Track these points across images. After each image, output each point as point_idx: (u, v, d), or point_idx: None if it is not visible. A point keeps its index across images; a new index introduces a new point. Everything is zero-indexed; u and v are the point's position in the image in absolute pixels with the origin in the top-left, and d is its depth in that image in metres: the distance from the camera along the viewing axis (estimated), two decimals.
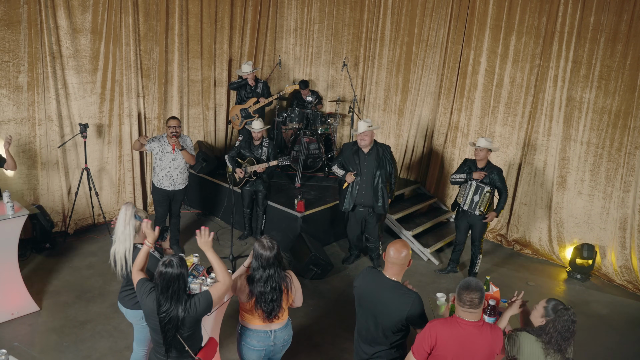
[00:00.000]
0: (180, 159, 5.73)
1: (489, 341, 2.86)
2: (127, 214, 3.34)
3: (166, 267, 2.84)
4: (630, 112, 5.90)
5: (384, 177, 5.74)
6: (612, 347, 5.01)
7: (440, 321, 2.94)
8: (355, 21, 8.28)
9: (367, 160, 5.72)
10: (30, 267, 5.67)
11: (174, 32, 7.04)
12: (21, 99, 5.87)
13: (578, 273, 6.26)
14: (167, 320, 2.84)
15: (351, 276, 5.98)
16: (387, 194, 5.83)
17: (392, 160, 5.83)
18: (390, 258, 3.14)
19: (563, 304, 3.00)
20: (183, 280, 2.87)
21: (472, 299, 2.82)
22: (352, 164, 5.76)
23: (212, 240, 3.15)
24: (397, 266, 3.14)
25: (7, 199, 4.60)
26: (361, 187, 5.77)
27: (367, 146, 5.69)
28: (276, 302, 3.21)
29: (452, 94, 7.39)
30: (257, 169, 6.07)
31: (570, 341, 2.93)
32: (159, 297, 2.85)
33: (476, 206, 5.61)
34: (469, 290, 2.84)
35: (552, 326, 2.90)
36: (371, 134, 5.67)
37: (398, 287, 3.14)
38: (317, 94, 8.25)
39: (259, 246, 3.18)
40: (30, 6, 5.67)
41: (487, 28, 6.86)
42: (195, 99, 7.62)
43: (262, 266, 3.17)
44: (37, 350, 4.37)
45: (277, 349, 3.41)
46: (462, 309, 2.88)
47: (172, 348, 2.92)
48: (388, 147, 5.86)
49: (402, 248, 3.13)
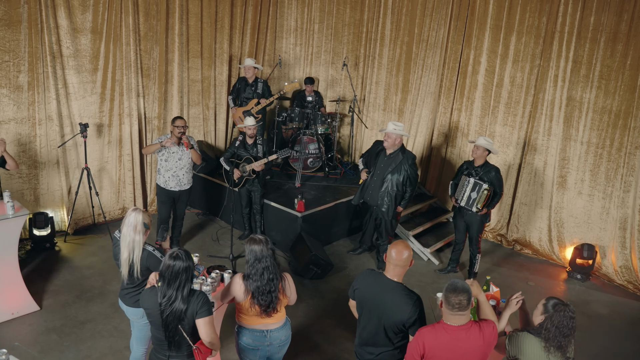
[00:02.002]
0: (186, 159, 5.73)
1: (480, 341, 2.82)
2: (137, 222, 3.33)
3: (174, 260, 2.85)
4: (631, 112, 5.90)
5: (396, 183, 5.69)
6: (612, 347, 5.01)
7: (428, 328, 2.91)
8: (355, 21, 8.28)
9: (384, 162, 5.77)
10: (30, 267, 5.67)
11: (174, 31, 7.04)
12: (21, 99, 5.87)
13: (578, 273, 6.26)
14: (170, 312, 2.84)
15: (351, 276, 5.98)
16: (395, 201, 5.77)
17: (412, 170, 5.73)
18: (392, 260, 3.14)
19: (562, 301, 3.00)
20: (190, 273, 2.88)
21: (460, 301, 2.78)
22: (372, 161, 5.93)
23: None
24: (399, 268, 3.14)
25: (8, 198, 4.60)
26: (370, 187, 5.90)
27: (390, 148, 5.72)
28: (274, 294, 3.23)
29: (452, 93, 7.39)
30: (255, 167, 6.07)
31: (570, 338, 2.90)
32: (164, 289, 2.85)
33: (473, 203, 5.58)
34: (456, 292, 2.79)
35: (550, 321, 2.89)
36: (395, 137, 5.63)
37: (401, 288, 3.14)
38: (319, 95, 8.25)
39: (251, 241, 3.26)
40: (30, 6, 5.67)
41: (487, 28, 6.86)
42: (195, 99, 7.62)
43: (257, 259, 3.21)
44: (37, 350, 4.38)
45: (274, 349, 3.40)
46: (450, 312, 2.82)
47: (173, 343, 2.92)
48: (412, 156, 5.80)
49: (403, 249, 3.13)
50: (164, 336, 2.91)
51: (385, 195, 5.75)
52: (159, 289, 2.90)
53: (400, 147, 5.74)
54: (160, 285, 2.90)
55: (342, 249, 6.68)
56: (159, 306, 2.86)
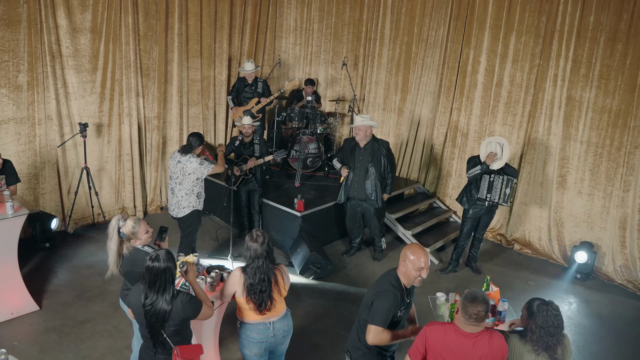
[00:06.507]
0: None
1: (485, 349, 2.75)
2: (113, 229, 3.43)
3: (153, 262, 2.88)
4: (630, 112, 5.90)
5: (377, 172, 5.86)
6: (612, 347, 5.01)
7: (437, 324, 2.90)
8: (354, 20, 8.28)
9: (361, 155, 5.90)
10: (30, 267, 5.67)
11: (173, 31, 7.03)
12: (21, 99, 5.86)
13: (578, 273, 6.26)
14: (152, 312, 2.87)
15: (351, 276, 5.98)
16: (381, 189, 5.93)
17: (389, 155, 5.94)
18: None
19: (543, 300, 3.00)
20: (170, 274, 2.91)
21: (478, 312, 2.69)
22: (348, 158, 5.98)
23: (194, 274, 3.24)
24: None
25: (7, 198, 4.59)
26: (354, 181, 5.97)
27: (362, 140, 5.85)
28: (265, 294, 3.27)
29: (452, 93, 7.39)
30: (250, 166, 6.08)
31: (558, 337, 2.89)
32: (146, 290, 2.89)
33: (508, 198, 5.71)
34: (475, 302, 2.69)
35: (534, 323, 2.89)
36: (365, 129, 5.78)
37: (387, 274, 3.18)
38: (316, 94, 8.25)
39: (249, 238, 3.30)
40: (30, 6, 5.67)
41: (486, 27, 6.86)
42: (194, 99, 7.61)
43: (251, 257, 3.27)
44: (36, 350, 4.37)
45: (278, 339, 3.43)
46: (466, 322, 2.74)
47: (158, 342, 2.96)
48: (386, 143, 5.98)
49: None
50: (148, 335, 2.95)
51: (371, 186, 5.90)
52: (142, 290, 2.92)
53: (371, 137, 5.89)
54: (143, 286, 2.93)
55: (342, 249, 6.68)
56: (142, 306, 2.90)
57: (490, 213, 5.95)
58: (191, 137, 5.21)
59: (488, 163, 5.57)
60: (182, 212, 5.24)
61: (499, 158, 5.58)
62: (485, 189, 5.73)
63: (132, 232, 3.42)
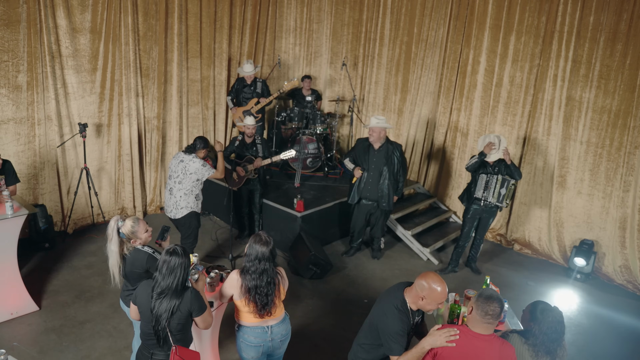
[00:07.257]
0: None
1: (495, 354, 2.75)
2: (112, 230, 3.41)
3: (171, 255, 2.89)
4: (630, 112, 5.90)
5: (391, 174, 5.91)
6: (612, 347, 5.01)
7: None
8: (354, 21, 8.28)
9: (375, 156, 5.92)
10: (30, 267, 5.67)
11: (173, 31, 7.03)
12: (20, 99, 5.86)
13: (578, 273, 6.26)
14: (161, 305, 2.89)
15: (351, 276, 5.98)
16: (393, 192, 5.99)
17: (402, 158, 6.00)
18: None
19: (548, 305, 3.00)
20: (185, 268, 2.93)
21: (494, 309, 2.72)
22: (362, 158, 5.99)
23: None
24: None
25: (7, 198, 4.59)
26: (367, 182, 5.99)
27: (377, 142, 5.88)
28: (270, 297, 3.26)
29: (452, 93, 7.39)
30: (257, 165, 6.06)
31: (560, 342, 2.91)
32: (160, 282, 2.89)
33: (503, 199, 5.68)
34: (490, 300, 2.72)
35: (538, 329, 2.90)
36: (379, 131, 5.81)
37: (393, 296, 3.07)
38: (316, 93, 8.26)
39: (257, 240, 3.25)
40: (29, 6, 5.66)
41: (486, 27, 6.86)
42: (194, 99, 7.61)
43: (258, 258, 3.22)
44: (36, 350, 4.37)
45: (276, 344, 3.42)
46: (482, 320, 2.74)
47: (160, 339, 2.95)
48: (399, 146, 6.03)
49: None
50: (152, 330, 2.95)
51: (385, 188, 5.94)
52: (153, 282, 2.94)
53: (386, 139, 5.93)
54: (155, 279, 2.94)
55: (342, 249, 6.68)
56: (150, 299, 2.91)
57: (492, 214, 5.95)
58: (197, 139, 5.30)
59: (486, 152, 5.59)
60: (180, 213, 5.24)
61: (496, 149, 5.61)
62: (481, 188, 5.74)
63: (131, 232, 3.41)
